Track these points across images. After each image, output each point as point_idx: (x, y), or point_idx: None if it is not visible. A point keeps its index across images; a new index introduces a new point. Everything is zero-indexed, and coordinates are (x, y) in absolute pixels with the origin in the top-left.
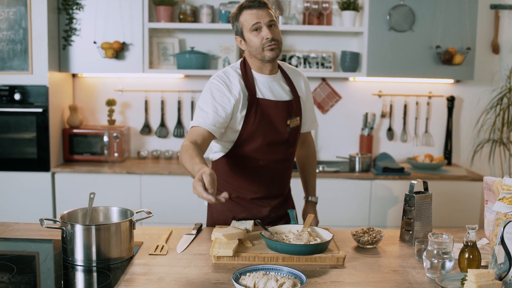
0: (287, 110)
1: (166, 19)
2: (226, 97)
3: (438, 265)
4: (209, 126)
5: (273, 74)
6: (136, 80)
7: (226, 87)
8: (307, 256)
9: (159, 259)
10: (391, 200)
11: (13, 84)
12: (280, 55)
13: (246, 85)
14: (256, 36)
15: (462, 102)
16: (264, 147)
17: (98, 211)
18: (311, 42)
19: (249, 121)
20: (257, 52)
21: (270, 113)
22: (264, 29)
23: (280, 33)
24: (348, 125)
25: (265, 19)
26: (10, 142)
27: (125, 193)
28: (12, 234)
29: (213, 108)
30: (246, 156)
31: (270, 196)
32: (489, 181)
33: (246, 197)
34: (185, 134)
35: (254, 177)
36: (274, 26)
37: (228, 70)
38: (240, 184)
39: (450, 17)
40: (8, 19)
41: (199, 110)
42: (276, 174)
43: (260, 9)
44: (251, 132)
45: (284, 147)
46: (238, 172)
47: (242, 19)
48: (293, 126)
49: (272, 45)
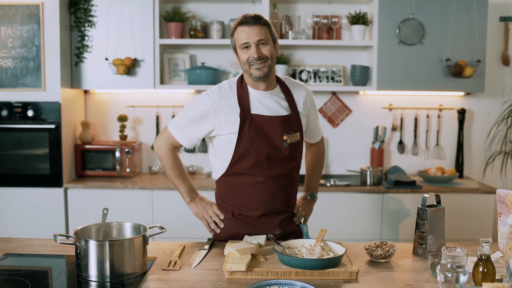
0: (282, 125)
1: (176, 35)
2: (206, 123)
3: (452, 279)
4: (185, 143)
5: (270, 90)
6: (148, 96)
7: (212, 109)
8: (320, 271)
9: (172, 274)
10: (403, 213)
11: (26, 100)
12: (290, 70)
13: (239, 101)
14: (245, 53)
15: (473, 115)
16: (261, 163)
17: (111, 227)
18: (321, 56)
19: (243, 137)
20: (245, 69)
21: (265, 128)
22: (252, 48)
23: (272, 49)
24: (359, 139)
25: (254, 38)
26: (23, 158)
27: (137, 209)
28: (26, 250)
29: (193, 130)
30: (244, 173)
31: (274, 212)
32: (502, 194)
33: (249, 215)
34: (197, 149)
35: (254, 194)
36: (264, 45)
37: (225, 84)
38: (241, 202)
39: (459, 30)
40: (22, 37)
41: (182, 121)
42: (278, 190)
43: (252, 26)
44: (246, 148)
45: (283, 163)
46: (238, 190)
47: (236, 35)
48: (292, 141)
49: (259, 63)
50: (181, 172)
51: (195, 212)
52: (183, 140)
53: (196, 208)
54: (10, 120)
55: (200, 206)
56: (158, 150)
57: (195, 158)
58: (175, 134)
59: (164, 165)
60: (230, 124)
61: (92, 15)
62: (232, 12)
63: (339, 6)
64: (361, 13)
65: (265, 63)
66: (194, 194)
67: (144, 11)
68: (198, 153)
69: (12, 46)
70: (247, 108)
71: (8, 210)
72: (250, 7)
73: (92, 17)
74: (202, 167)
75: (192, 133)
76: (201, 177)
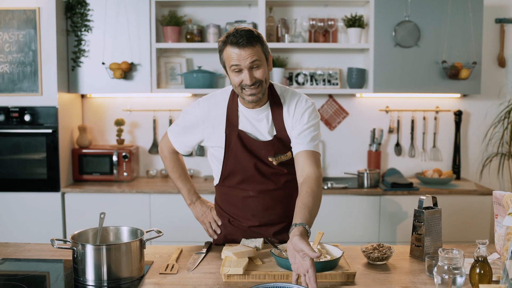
0: (266, 149)
1: (173, 39)
2: (196, 132)
3: (449, 281)
4: (179, 149)
5: (259, 107)
6: (144, 100)
7: (201, 120)
8: (318, 273)
9: (169, 278)
10: (400, 215)
11: (23, 105)
12: (287, 73)
13: (228, 115)
14: (237, 76)
15: (470, 116)
16: (251, 179)
17: (108, 231)
18: (317, 59)
19: (231, 153)
20: (237, 92)
21: (251, 148)
22: (244, 73)
23: (265, 71)
24: (356, 141)
25: (246, 62)
26: (20, 162)
27: (134, 212)
28: (23, 254)
29: (185, 138)
30: (235, 187)
31: (268, 223)
32: (499, 195)
33: (243, 224)
34: (194, 153)
35: (246, 207)
36: (257, 68)
37: (217, 95)
38: (235, 212)
39: (455, 32)
40: (18, 42)
41: (177, 127)
42: (272, 203)
43: (244, 49)
44: (234, 164)
45: (275, 178)
46: (231, 200)
47: (225, 55)
48: (281, 161)
49: (252, 89)
50: (182, 174)
51: (195, 216)
52: (177, 146)
53: (196, 212)
54: (7, 124)
55: (200, 210)
56: (160, 153)
57: (192, 161)
58: (172, 140)
59: (166, 167)
60: (217, 137)
61: (88, 19)
62: (228, 16)
63: (335, 9)
64: (357, 16)
65: (258, 87)
66: (195, 197)
67: (140, 15)
68: (196, 157)
69: (9, 51)
70: (234, 123)
71: (5, 214)
72: (247, 11)
73: (89, 21)
74: (199, 171)
75: (185, 140)
76: (198, 181)
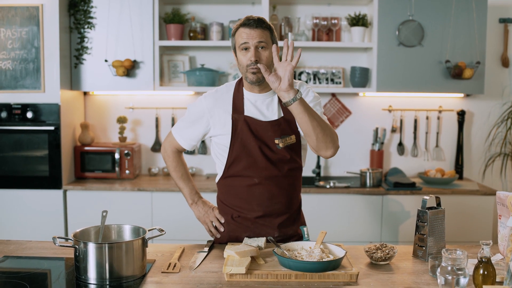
0: (273, 129)
1: (176, 37)
2: (201, 123)
3: (452, 281)
4: (184, 144)
5: (264, 92)
6: (147, 98)
7: (207, 110)
8: (320, 273)
9: (171, 277)
10: (403, 215)
11: (25, 102)
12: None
13: (234, 102)
14: (244, 55)
15: (473, 116)
16: (256, 164)
17: (110, 229)
18: (321, 58)
19: (237, 138)
20: (242, 71)
21: (258, 131)
22: (251, 50)
23: (270, 56)
24: (359, 141)
25: (254, 40)
26: (23, 160)
27: (136, 210)
28: (24, 252)
29: (190, 131)
30: (240, 175)
31: (273, 214)
32: (502, 196)
33: (247, 217)
34: (196, 151)
35: (252, 195)
36: (263, 49)
37: (222, 87)
38: (240, 204)
39: (459, 31)
40: (21, 39)
41: (182, 123)
42: (276, 191)
43: (254, 29)
44: (240, 149)
45: (280, 164)
46: (236, 191)
47: (236, 35)
48: (287, 144)
49: (255, 68)
50: (183, 174)
51: (197, 216)
52: (182, 141)
53: (198, 212)
54: (9, 121)
55: (202, 210)
56: (163, 152)
57: (194, 159)
58: (176, 136)
59: (168, 167)
60: (223, 124)
61: (91, 16)
62: (231, 14)
63: (339, 8)
64: (360, 14)
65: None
66: (197, 197)
67: (143, 12)
68: (198, 155)
69: (12, 48)
70: (240, 110)
71: (7, 212)
72: (250, 9)
73: (92, 18)
74: (201, 169)
75: (190, 133)
76: (200, 179)
